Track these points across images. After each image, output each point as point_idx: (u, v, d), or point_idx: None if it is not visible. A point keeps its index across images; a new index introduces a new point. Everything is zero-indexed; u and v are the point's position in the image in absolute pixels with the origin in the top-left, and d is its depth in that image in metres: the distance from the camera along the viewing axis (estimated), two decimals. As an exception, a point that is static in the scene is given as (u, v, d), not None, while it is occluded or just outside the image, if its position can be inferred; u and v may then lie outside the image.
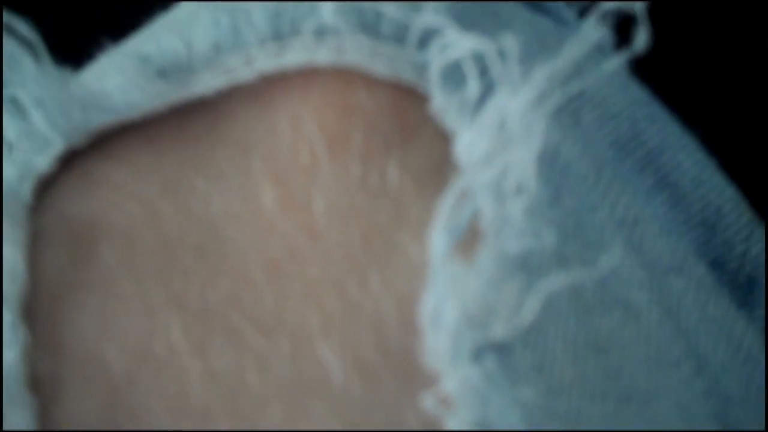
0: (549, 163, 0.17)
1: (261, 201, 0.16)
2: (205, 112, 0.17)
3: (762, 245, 0.20)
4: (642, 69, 0.22)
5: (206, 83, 0.17)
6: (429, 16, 0.17)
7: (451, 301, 0.13)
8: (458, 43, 0.16)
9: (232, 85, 0.17)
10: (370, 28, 0.17)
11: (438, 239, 0.14)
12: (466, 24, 0.17)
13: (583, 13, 0.24)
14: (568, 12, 0.23)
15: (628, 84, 0.21)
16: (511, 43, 0.15)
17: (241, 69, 0.17)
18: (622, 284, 0.16)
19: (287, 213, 0.16)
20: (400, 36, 0.17)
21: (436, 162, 0.16)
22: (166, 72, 0.17)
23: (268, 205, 0.16)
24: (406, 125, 0.16)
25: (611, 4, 0.15)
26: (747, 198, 0.20)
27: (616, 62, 0.15)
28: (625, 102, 0.20)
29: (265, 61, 0.17)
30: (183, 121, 0.17)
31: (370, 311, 0.15)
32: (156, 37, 0.18)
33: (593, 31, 0.15)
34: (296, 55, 0.17)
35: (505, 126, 0.15)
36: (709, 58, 0.37)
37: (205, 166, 0.16)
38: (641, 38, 0.14)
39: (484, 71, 0.16)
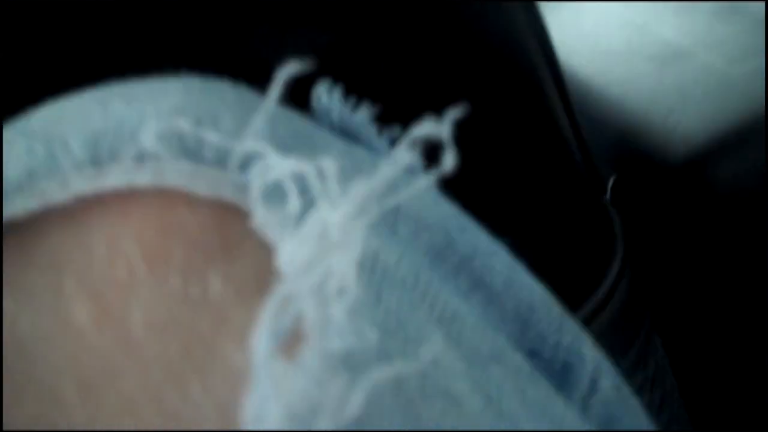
0: (369, 268, 0.17)
1: (74, 318, 0.15)
2: (15, 233, 0.16)
3: (573, 334, 0.21)
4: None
5: (18, 206, 0.16)
6: (250, 143, 0.17)
7: (275, 401, 0.13)
8: (279, 166, 0.16)
9: (46, 207, 0.16)
10: (191, 153, 0.17)
11: (260, 341, 0.13)
12: (285, 149, 0.18)
13: (394, 143, 0.25)
14: (380, 142, 0.24)
15: (440, 200, 0.22)
16: (329, 164, 0.16)
17: (55, 192, 0.16)
18: (443, 375, 0.16)
19: (102, 328, 0.15)
20: (221, 160, 0.17)
21: (259, 272, 0.16)
22: None
23: (82, 321, 0.15)
24: (228, 239, 0.16)
25: (420, 131, 0.16)
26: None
27: (425, 181, 0.16)
28: (437, 216, 0.21)
29: (82, 185, 0.16)
30: None
31: (191, 421, 0.14)
32: None
33: (404, 154, 0.16)
34: (114, 178, 0.16)
35: (326, 235, 0.15)
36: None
37: (14, 287, 0.16)
38: (449, 161, 0.15)
39: (303, 191, 0.16)
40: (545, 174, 0.41)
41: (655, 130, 0.60)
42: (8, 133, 0.18)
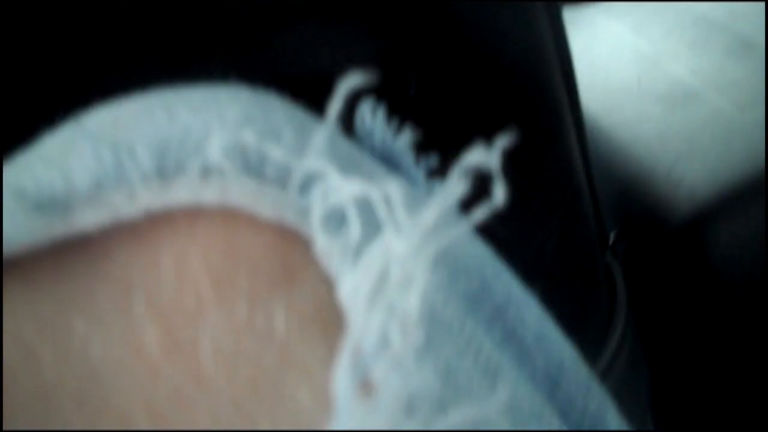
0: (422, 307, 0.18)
1: (144, 344, 0.16)
2: (85, 249, 0.17)
3: (599, 400, 0.22)
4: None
5: (87, 218, 0.17)
6: (312, 161, 0.18)
7: None
8: (341, 188, 0.17)
9: (114, 222, 0.17)
10: (254, 170, 0.18)
11: (341, 382, 0.14)
12: (343, 171, 0.19)
13: (430, 174, 0.26)
14: (417, 172, 0.26)
15: (474, 240, 0.23)
16: (395, 188, 0.17)
17: (124, 205, 0.17)
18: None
19: (172, 357, 0.16)
20: (283, 179, 0.18)
21: (320, 305, 0.17)
22: (44, 206, 0.17)
23: (152, 348, 0.16)
24: (290, 267, 0.17)
25: (471, 160, 0.17)
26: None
27: (478, 216, 0.17)
28: (474, 257, 0.22)
29: (150, 199, 0.17)
30: (61, 258, 0.17)
31: None
32: (31, 170, 0.18)
33: (457, 185, 0.17)
34: (181, 193, 0.17)
35: (388, 269, 0.16)
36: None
37: (84, 307, 0.16)
38: (499, 193, 0.16)
39: (364, 215, 0.17)
40: (554, 224, 0.42)
41: (660, 182, 0.62)
42: (68, 133, 0.19)
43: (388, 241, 0.16)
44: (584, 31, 0.83)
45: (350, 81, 0.18)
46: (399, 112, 0.32)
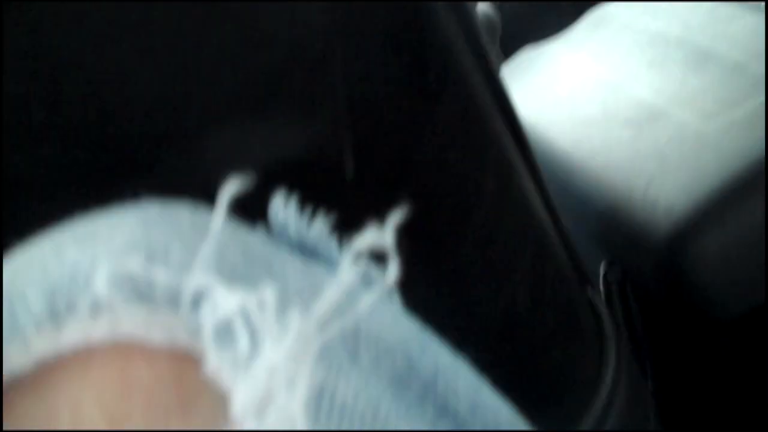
0: (327, 404, 0.18)
1: None
2: None
3: None
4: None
5: None
6: (198, 276, 0.18)
7: None
8: (226, 301, 0.17)
9: (11, 377, 0.17)
10: (144, 295, 0.17)
11: None
12: (237, 277, 0.18)
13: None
14: (339, 254, 0.25)
15: (400, 317, 0.23)
16: (269, 294, 0.16)
17: (17, 357, 0.17)
18: None
19: None
20: (173, 299, 0.18)
21: (217, 423, 0.16)
22: None
23: None
24: (185, 394, 0.17)
25: (362, 243, 0.17)
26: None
27: (371, 298, 0.17)
28: (398, 335, 0.21)
29: (42, 345, 0.17)
30: None
31: None
32: None
33: (348, 273, 0.17)
34: (72, 334, 0.17)
35: (274, 374, 0.16)
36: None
37: None
38: (392, 271, 0.16)
39: (252, 326, 0.17)
40: (521, 273, 0.41)
41: (638, 204, 0.62)
42: None
43: (267, 350, 0.16)
44: (547, 67, 0.83)
45: (231, 186, 0.18)
46: (338, 193, 0.31)
